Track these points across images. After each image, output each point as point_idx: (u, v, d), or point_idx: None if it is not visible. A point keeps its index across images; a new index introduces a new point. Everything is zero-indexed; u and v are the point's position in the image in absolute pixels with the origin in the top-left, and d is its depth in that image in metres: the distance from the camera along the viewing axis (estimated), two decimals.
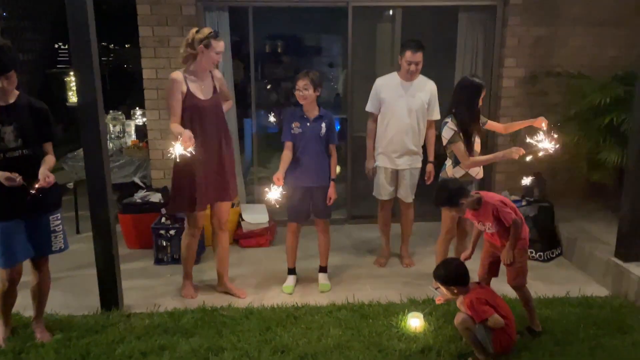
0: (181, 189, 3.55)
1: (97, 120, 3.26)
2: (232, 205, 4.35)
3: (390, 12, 5.32)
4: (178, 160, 3.23)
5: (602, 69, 4.93)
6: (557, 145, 3.22)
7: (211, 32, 3.42)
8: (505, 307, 2.99)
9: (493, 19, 5.13)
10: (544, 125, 3.38)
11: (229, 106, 3.87)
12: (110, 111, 5.47)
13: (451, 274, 2.98)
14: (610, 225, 4.16)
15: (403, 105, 4.09)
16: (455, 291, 2.98)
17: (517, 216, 3.08)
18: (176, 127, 3.36)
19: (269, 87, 8.03)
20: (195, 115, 3.43)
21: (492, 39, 5.18)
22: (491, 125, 3.83)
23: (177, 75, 3.45)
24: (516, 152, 3.34)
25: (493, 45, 5.18)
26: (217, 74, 3.68)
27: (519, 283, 3.18)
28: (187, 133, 3.18)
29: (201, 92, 3.49)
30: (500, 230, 3.11)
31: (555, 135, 3.23)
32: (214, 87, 3.59)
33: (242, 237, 4.82)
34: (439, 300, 3.18)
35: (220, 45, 3.44)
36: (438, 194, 3.15)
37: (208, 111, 3.49)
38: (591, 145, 4.54)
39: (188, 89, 3.43)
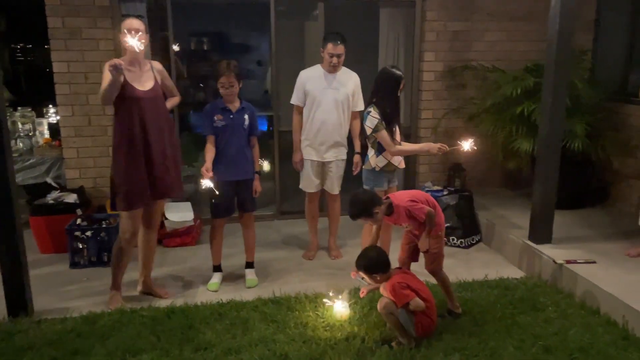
0: (121, 185, 3.34)
1: None
2: None
3: (316, 11, 5.33)
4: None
5: (514, 62, 5.19)
6: (474, 145, 3.49)
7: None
8: (426, 290, 3.06)
9: (413, 14, 5.25)
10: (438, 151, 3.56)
11: (175, 102, 3.68)
12: (19, 108, 5.12)
13: (372, 262, 3.00)
14: (524, 211, 4.36)
15: (329, 96, 4.09)
16: (378, 278, 3.01)
17: (430, 205, 3.16)
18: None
19: (200, 85, 7.86)
20: (134, 106, 3.25)
21: (412, 33, 5.31)
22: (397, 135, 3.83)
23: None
24: (441, 148, 3.52)
25: (413, 39, 5.31)
26: (158, 65, 3.51)
27: (435, 268, 3.26)
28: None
29: (139, 82, 3.32)
30: (417, 224, 3.18)
31: (472, 140, 3.48)
32: (155, 79, 3.41)
33: (165, 237, 4.64)
34: (362, 293, 3.20)
35: (126, 24, 3.23)
36: (352, 207, 3.12)
37: (148, 103, 3.31)
38: (505, 134, 4.74)
39: (125, 79, 3.24)
